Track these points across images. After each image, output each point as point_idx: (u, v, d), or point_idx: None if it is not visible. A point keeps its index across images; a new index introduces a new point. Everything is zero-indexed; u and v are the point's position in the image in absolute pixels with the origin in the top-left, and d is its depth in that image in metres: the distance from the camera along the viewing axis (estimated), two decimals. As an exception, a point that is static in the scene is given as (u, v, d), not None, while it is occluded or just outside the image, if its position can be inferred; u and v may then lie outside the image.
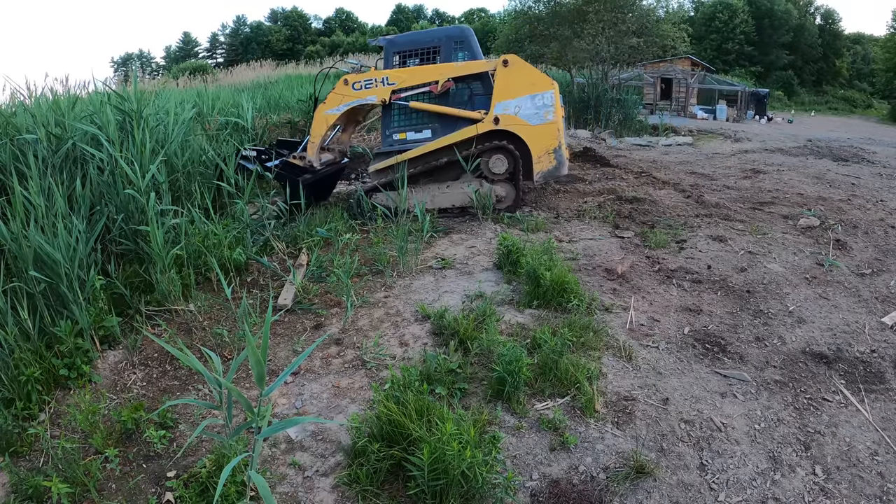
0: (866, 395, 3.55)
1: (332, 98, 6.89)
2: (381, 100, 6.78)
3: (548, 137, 6.63)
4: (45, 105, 5.27)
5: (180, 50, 62.40)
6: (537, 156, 6.69)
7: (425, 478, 2.54)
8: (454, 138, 6.70)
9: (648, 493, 2.75)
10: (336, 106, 6.85)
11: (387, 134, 7.02)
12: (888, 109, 28.50)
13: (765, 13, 37.15)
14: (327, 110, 6.90)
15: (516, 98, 6.50)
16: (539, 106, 6.52)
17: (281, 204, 6.09)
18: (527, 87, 6.50)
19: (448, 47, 6.82)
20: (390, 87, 6.71)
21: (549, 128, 6.60)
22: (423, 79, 6.69)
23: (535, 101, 6.50)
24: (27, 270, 3.61)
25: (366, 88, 6.75)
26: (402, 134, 6.91)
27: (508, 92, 6.51)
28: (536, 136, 6.61)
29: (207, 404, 2.76)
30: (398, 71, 6.82)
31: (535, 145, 6.64)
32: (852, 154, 12.25)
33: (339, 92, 6.84)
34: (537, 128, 6.58)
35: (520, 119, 6.53)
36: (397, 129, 6.94)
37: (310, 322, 4.40)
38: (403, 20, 62.93)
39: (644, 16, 23.89)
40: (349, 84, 6.77)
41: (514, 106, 6.51)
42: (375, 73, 6.85)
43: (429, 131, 6.84)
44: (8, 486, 2.77)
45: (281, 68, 26.41)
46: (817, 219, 7.00)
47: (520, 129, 6.57)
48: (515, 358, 3.29)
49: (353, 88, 6.77)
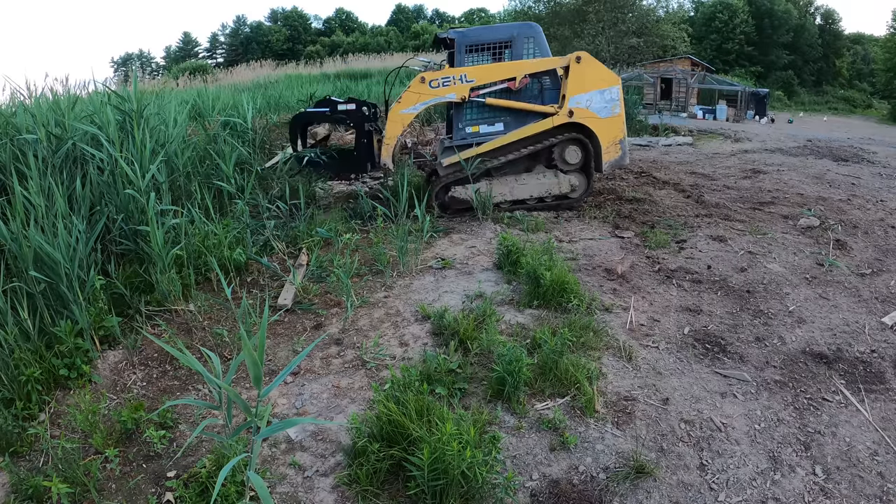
0: (866, 395, 3.55)
1: (408, 97, 6.74)
2: (460, 97, 6.75)
3: (615, 129, 7.03)
4: (45, 105, 5.27)
5: (180, 50, 62.38)
6: (605, 146, 7.04)
7: (425, 478, 2.54)
8: (530, 130, 6.89)
9: (648, 493, 2.75)
10: (412, 105, 6.75)
11: (459, 127, 7.03)
12: (888, 109, 28.42)
13: (765, 13, 37.13)
14: (403, 110, 6.75)
15: (588, 92, 6.83)
16: (608, 100, 6.90)
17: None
18: (597, 83, 6.84)
19: (519, 42, 6.93)
20: (469, 84, 6.72)
21: (616, 120, 7.01)
22: (501, 75, 6.79)
23: (604, 96, 6.87)
24: (27, 270, 3.61)
25: (444, 86, 6.69)
26: (474, 127, 7.02)
27: (582, 86, 6.81)
28: (605, 128, 6.97)
29: (207, 404, 2.76)
30: (476, 68, 6.79)
31: (604, 137, 7.00)
32: (852, 154, 12.23)
33: (416, 90, 6.70)
34: (606, 120, 6.94)
35: (591, 112, 6.88)
36: (470, 122, 7.03)
37: (310, 322, 4.40)
38: (403, 20, 62.93)
39: (644, 16, 23.95)
40: (426, 82, 6.67)
41: (585, 100, 6.83)
42: (452, 70, 6.77)
43: (501, 124, 7.00)
44: (8, 486, 2.77)
45: (281, 68, 26.40)
46: (817, 219, 7.00)
47: (591, 122, 6.91)
48: (515, 358, 3.29)
49: (430, 86, 6.68)
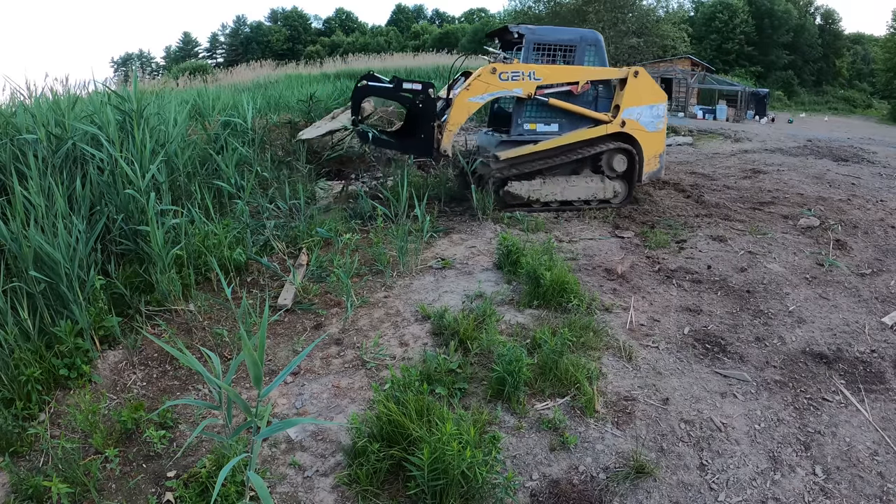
0: (866, 395, 3.55)
1: (477, 86, 6.77)
2: (526, 93, 6.85)
3: (658, 143, 7.51)
4: (45, 105, 5.26)
5: (180, 50, 62.39)
6: (647, 158, 7.45)
7: (425, 478, 2.53)
8: (584, 135, 7.16)
9: (648, 493, 2.75)
10: (480, 94, 6.81)
11: (518, 123, 7.15)
12: (888, 109, 28.38)
13: (765, 13, 37.09)
14: (471, 97, 6.80)
15: (640, 106, 7.26)
16: (655, 115, 7.38)
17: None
18: (650, 98, 7.31)
19: (582, 48, 7.14)
20: (536, 81, 6.82)
21: (660, 135, 7.49)
22: (566, 78, 6.99)
23: (652, 111, 7.35)
24: (27, 270, 3.60)
25: (513, 80, 6.77)
26: (532, 125, 7.19)
27: (637, 100, 7.21)
28: (650, 141, 7.41)
29: (207, 404, 2.75)
30: (544, 67, 6.90)
31: (648, 149, 7.41)
32: (852, 154, 12.24)
33: (485, 80, 6.75)
34: (652, 134, 7.39)
35: (640, 125, 7.30)
36: (528, 119, 7.17)
37: (310, 322, 4.40)
38: (403, 20, 62.96)
39: (644, 16, 23.94)
40: (496, 73, 6.71)
41: (637, 113, 7.25)
42: (522, 66, 6.83)
43: (556, 125, 7.23)
44: (8, 486, 2.77)
45: (281, 68, 26.34)
46: (817, 219, 7.00)
47: (639, 134, 7.31)
48: (515, 358, 3.29)
49: (499, 79, 6.73)
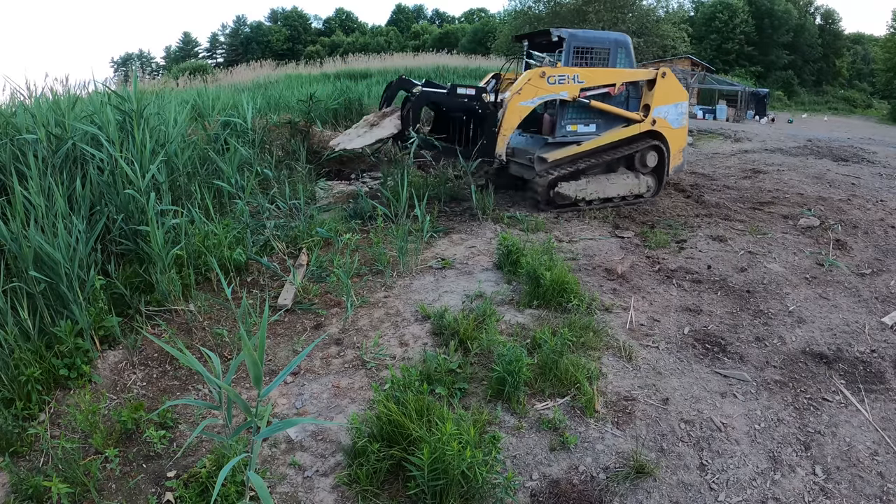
0: (866, 395, 3.55)
1: (528, 90, 6.88)
2: (571, 96, 7.04)
3: (681, 139, 8.00)
4: (45, 105, 5.26)
5: (180, 50, 62.39)
6: (673, 153, 7.90)
7: (425, 478, 2.53)
8: (620, 134, 7.49)
9: (648, 493, 2.75)
10: (531, 98, 6.94)
11: (561, 125, 7.34)
12: (888, 109, 28.41)
13: (765, 13, 37.10)
14: (522, 101, 6.92)
15: (668, 105, 7.66)
16: (679, 113, 7.81)
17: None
18: (675, 97, 7.71)
19: (615, 51, 7.43)
20: (579, 84, 7.02)
21: (683, 131, 8.00)
22: (605, 80, 7.23)
23: (677, 109, 7.78)
24: (27, 270, 3.60)
25: (559, 83, 6.95)
26: (573, 126, 7.43)
27: (666, 99, 7.60)
28: (675, 137, 7.86)
29: (207, 404, 2.75)
30: (587, 70, 7.08)
31: (673, 144, 7.86)
32: (852, 154, 12.24)
33: (535, 84, 6.87)
34: (677, 130, 7.84)
35: (667, 122, 7.71)
36: (570, 121, 7.40)
37: (310, 322, 4.40)
38: (403, 20, 62.94)
39: (644, 16, 23.92)
40: (545, 77, 6.85)
41: (665, 111, 7.65)
42: (566, 69, 7.00)
43: (594, 125, 7.52)
44: (8, 486, 2.77)
45: (281, 68, 26.31)
46: (817, 219, 7.00)
47: (666, 131, 7.72)
48: (515, 358, 3.29)
49: (548, 82, 6.87)
